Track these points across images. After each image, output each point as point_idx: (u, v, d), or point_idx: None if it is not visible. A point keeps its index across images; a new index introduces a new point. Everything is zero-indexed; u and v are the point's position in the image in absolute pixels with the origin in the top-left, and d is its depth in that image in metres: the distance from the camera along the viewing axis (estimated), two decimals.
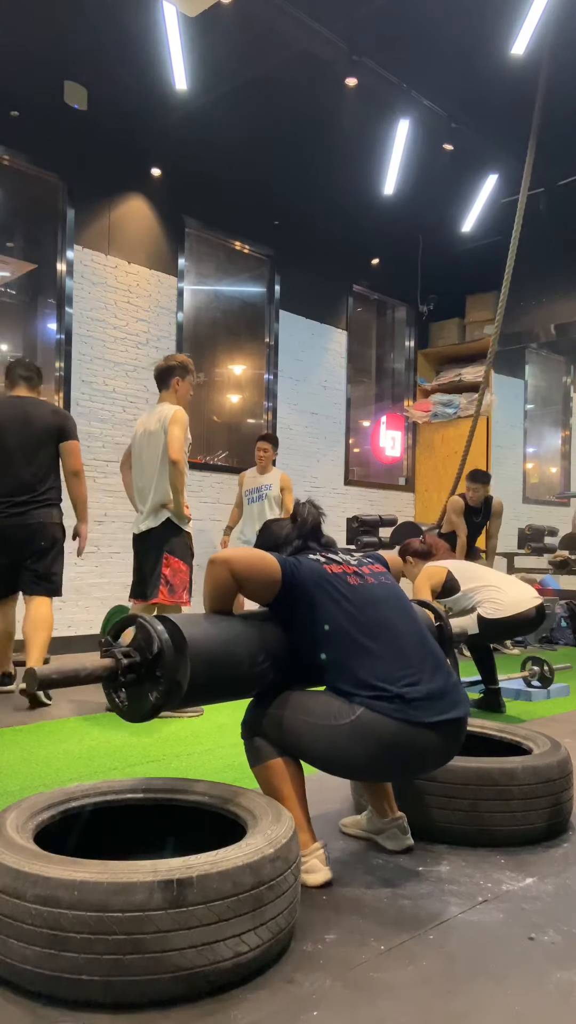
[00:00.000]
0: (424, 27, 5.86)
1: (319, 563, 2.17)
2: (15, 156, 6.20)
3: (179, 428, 4.18)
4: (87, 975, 1.49)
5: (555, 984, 1.67)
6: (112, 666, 1.91)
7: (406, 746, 1.98)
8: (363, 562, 2.27)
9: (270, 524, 2.41)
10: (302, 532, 2.31)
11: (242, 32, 5.75)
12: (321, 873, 2.08)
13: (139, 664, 1.92)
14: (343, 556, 2.25)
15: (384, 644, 2.06)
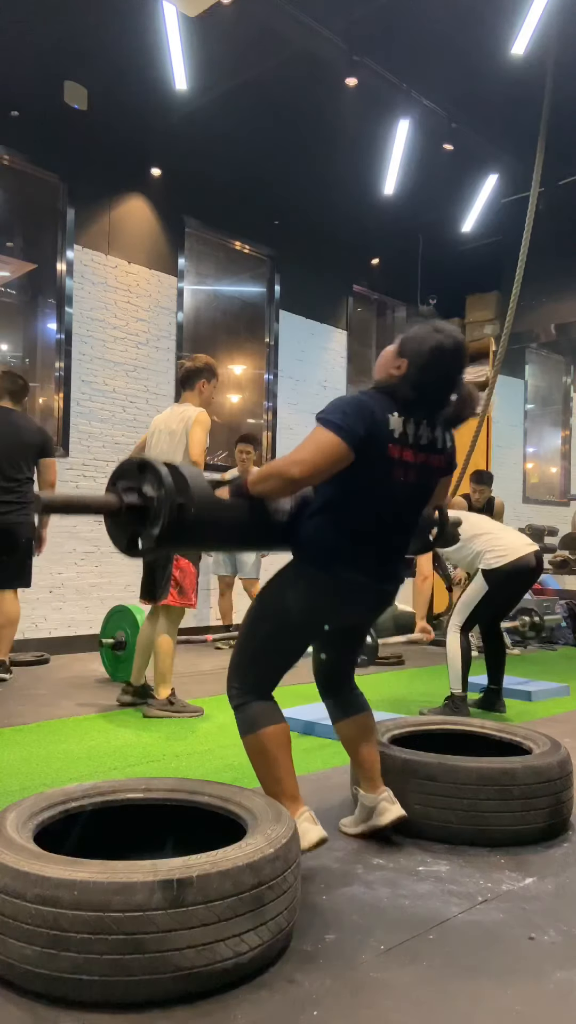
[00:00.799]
0: (424, 27, 5.86)
1: (385, 437, 2.11)
2: (15, 156, 6.20)
3: (202, 430, 4.17)
4: (87, 975, 1.49)
5: (555, 984, 1.67)
6: (115, 503, 1.95)
7: (341, 593, 2.18)
8: (431, 447, 2.21)
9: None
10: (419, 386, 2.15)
11: (242, 32, 5.75)
12: (314, 831, 2.11)
13: (141, 504, 1.95)
14: (419, 432, 2.18)
15: (369, 537, 2.17)
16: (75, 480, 6.35)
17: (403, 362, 2.15)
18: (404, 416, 2.14)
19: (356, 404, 2.11)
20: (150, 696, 4.26)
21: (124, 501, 1.95)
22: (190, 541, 2.00)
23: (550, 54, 5.86)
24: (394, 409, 2.13)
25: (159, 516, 1.92)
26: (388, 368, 2.19)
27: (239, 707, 2.21)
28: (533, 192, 6.18)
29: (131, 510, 1.95)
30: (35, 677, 5.20)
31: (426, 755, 2.49)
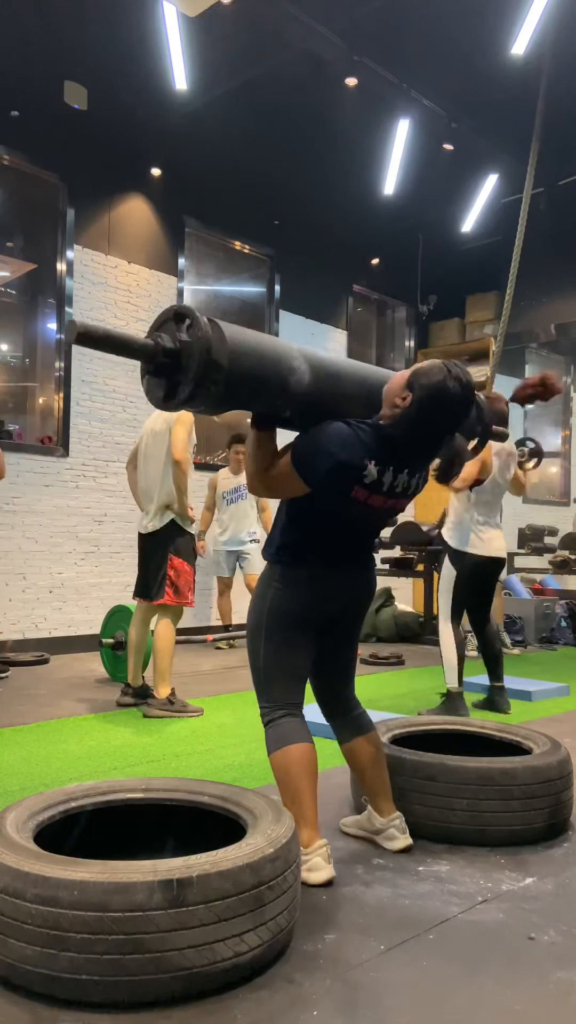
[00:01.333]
0: (424, 27, 5.86)
1: (353, 480, 2.08)
2: (15, 156, 6.19)
3: (183, 429, 4.18)
4: (87, 975, 1.49)
5: (555, 984, 1.67)
6: (152, 346, 1.94)
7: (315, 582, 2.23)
8: (402, 493, 2.20)
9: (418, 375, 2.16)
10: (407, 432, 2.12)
11: (242, 32, 5.75)
12: (324, 871, 2.08)
13: (176, 351, 1.94)
14: (395, 481, 2.15)
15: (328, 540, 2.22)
16: (75, 480, 6.35)
17: (408, 395, 2.10)
18: (383, 465, 2.11)
19: (333, 444, 2.08)
20: (150, 696, 4.26)
21: (161, 344, 1.94)
22: (223, 392, 1.96)
23: (545, 56, 5.87)
24: (375, 456, 2.10)
25: (192, 362, 1.91)
26: (394, 397, 2.13)
27: (267, 724, 2.23)
28: (526, 192, 6.18)
29: (167, 354, 1.95)
30: (35, 677, 5.20)
31: (426, 755, 2.49)
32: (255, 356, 2.01)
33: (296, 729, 2.19)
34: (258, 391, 2.04)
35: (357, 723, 2.40)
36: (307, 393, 2.10)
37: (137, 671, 4.39)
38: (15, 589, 5.99)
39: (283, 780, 2.15)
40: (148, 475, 4.37)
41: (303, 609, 2.24)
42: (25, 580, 6.04)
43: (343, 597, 2.31)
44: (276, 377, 2.04)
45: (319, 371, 2.13)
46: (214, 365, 1.92)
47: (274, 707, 2.23)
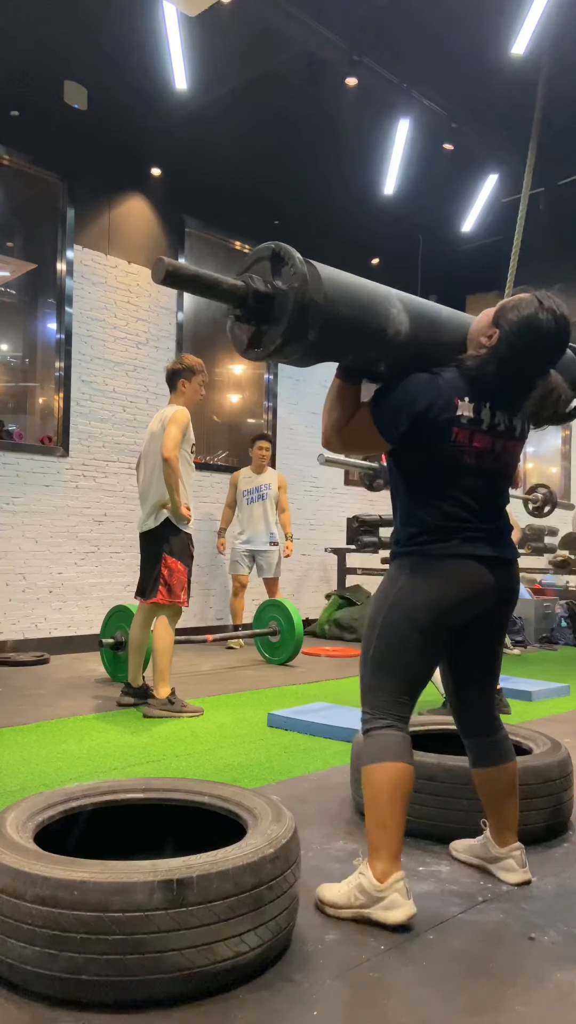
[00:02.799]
0: (424, 27, 5.86)
1: (447, 422, 1.94)
2: (15, 156, 6.20)
3: (176, 428, 4.19)
4: (87, 975, 1.49)
5: (555, 984, 1.67)
6: (243, 288, 1.80)
7: (459, 573, 1.98)
8: (508, 433, 2.04)
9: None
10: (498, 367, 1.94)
11: (242, 32, 5.75)
12: (403, 909, 1.86)
13: (269, 295, 1.81)
14: (495, 419, 1.99)
15: (457, 517, 2.01)
16: (75, 480, 6.35)
17: (495, 332, 1.95)
18: (477, 401, 1.97)
19: (409, 395, 1.96)
20: (150, 696, 4.26)
21: (252, 287, 1.80)
22: (315, 344, 1.81)
23: (543, 56, 5.86)
24: (465, 393, 1.96)
25: (285, 312, 1.77)
26: (480, 335, 1.99)
27: (367, 732, 2.00)
28: (524, 192, 6.17)
29: (258, 298, 1.80)
30: (35, 677, 5.20)
31: (426, 755, 2.49)
32: (352, 305, 1.84)
33: (398, 746, 1.95)
34: (353, 343, 1.90)
35: (499, 749, 2.19)
36: (404, 343, 1.94)
37: (137, 671, 4.39)
38: (15, 589, 5.99)
39: (372, 801, 1.93)
40: (144, 475, 4.40)
41: (434, 604, 1.98)
42: (25, 580, 6.04)
43: (488, 595, 2.04)
44: (373, 327, 1.88)
45: (418, 319, 1.97)
46: (309, 317, 1.77)
47: (375, 715, 1.99)
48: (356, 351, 1.95)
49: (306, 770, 3.21)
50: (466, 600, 2.01)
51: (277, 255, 1.84)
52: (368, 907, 1.88)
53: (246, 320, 1.86)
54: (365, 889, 1.89)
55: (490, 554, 2.02)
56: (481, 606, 2.05)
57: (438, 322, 2.04)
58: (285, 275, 1.80)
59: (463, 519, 2.00)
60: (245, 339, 1.89)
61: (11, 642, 5.92)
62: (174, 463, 4.15)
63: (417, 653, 2.01)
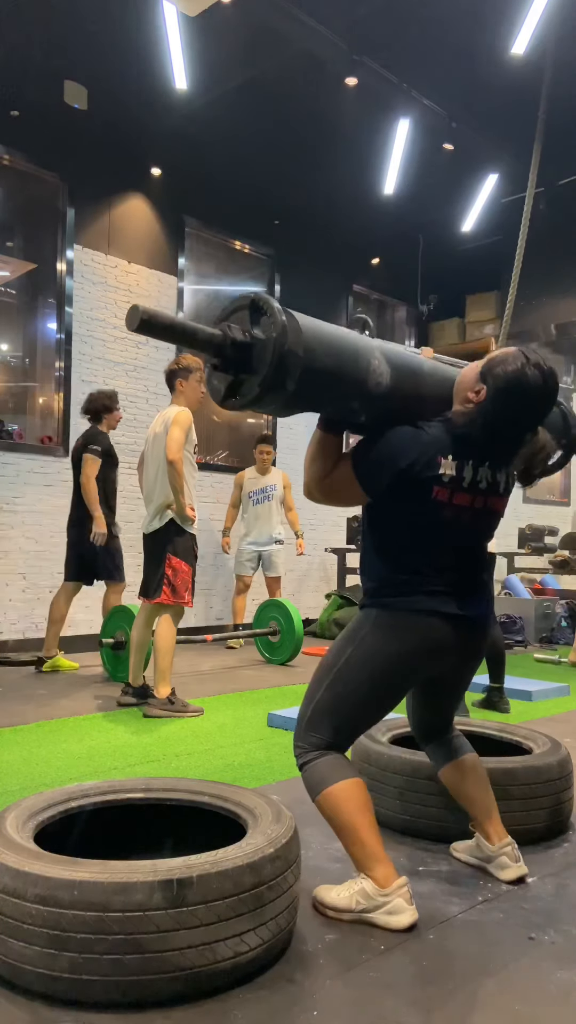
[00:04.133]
0: (424, 27, 5.86)
1: (428, 480, 1.93)
2: (15, 156, 6.19)
3: (178, 429, 4.19)
4: (87, 975, 1.49)
5: (555, 984, 1.67)
6: (220, 337, 1.79)
7: (422, 631, 1.97)
8: (491, 490, 2.02)
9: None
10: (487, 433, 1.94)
11: (242, 32, 5.74)
12: (406, 914, 1.87)
13: (247, 345, 1.79)
14: (477, 476, 1.97)
15: (430, 560, 2.00)
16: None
17: (482, 388, 1.94)
18: (460, 459, 1.95)
19: (392, 452, 1.94)
20: (150, 696, 4.26)
21: (230, 336, 1.78)
22: (295, 395, 1.79)
23: (547, 55, 5.86)
24: (449, 451, 1.94)
25: (264, 363, 1.75)
26: (467, 390, 1.97)
27: (303, 767, 1.99)
28: (529, 192, 6.17)
29: (236, 347, 1.78)
30: (35, 677, 5.20)
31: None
32: (333, 355, 1.83)
33: (334, 766, 1.95)
34: (333, 394, 1.89)
35: (452, 746, 2.24)
36: (386, 396, 1.93)
37: (138, 671, 4.39)
38: (15, 589, 5.99)
39: (337, 823, 1.93)
40: (148, 477, 4.40)
41: (392, 662, 1.97)
42: (25, 580, 6.04)
43: (451, 653, 2.02)
44: (354, 379, 1.87)
45: (399, 370, 1.96)
46: (288, 367, 1.75)
47: (307, 750, 2.00)
48: (336, 402, 1.93)
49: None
50: (429, 655, 2.01)
51: (256, 304, 1.82)
52: (371, 912, 1.88)
53: (224, 369, 1.85)
54: (368, 894, 1.89)
55: (455, 612, 2.00)
56: (445, 662, 2.05)
57: (420, 375, 2.02)
58: (264, 324, 1.78)
59: (429, 574, 1.98)
60: (223, 389, 1.87)
61: (11, 642, 5.91)
62: (179, 464, 4.15)
63: (364, 706, 2.01)
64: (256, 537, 6.82)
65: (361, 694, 1.99)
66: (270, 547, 6.80)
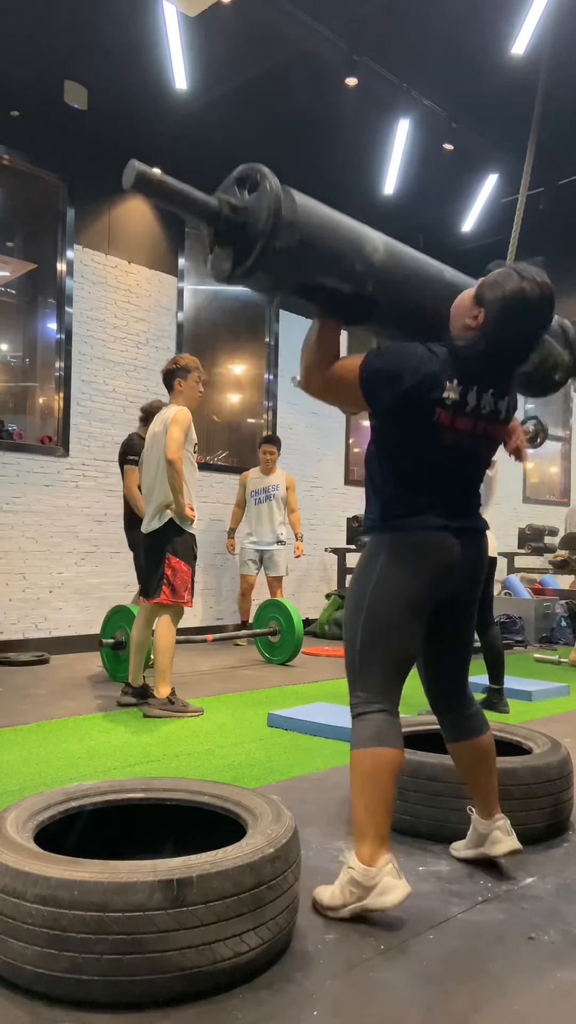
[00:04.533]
0: (424, 27, 5.86)
1: (432, 403, 1.94)
2: (15, 156, 6.19)
3: (178, 429, 4.20)
4: (87, 975, 1.49)
5: (555, 984, 1.67)
6: (216, 206, 1.78)
7: (434, 546, 2.01)
8: (492, 416, 2.03)
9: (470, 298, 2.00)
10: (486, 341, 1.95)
11: (242, 32, 5.74)
12: (397, 889, 1.85)
13: (243, 207, 1.79)
14: (481, 401, 1.99)
15: (434, 485, 2.04)
16: (75, 480, 6.35)
17: (480, 312, 1.94)
18: (465, 384, 1.96)
19: (400, 368, 1.94)
20: (150, 696, 4.26)
21: (226, 199, 1.79)
22: (294, 256, 1.77)
23: (543, 56, 5.86)
24: (454, 375, 1.95)
25: (261, 219, 1.76)
26: (464, 318, 1.98)
27: (358, 716, 1.99)
28: (522, 193, 6.18)
29: (233, 209, 1.78)
30: (35, 677, 5.20)
31: (426, 755, 2.49)
32: (325, 214, 1.85)
33: (390, 730, 1.96)
34: (332, 250, 1.86)
35: (472, 723, 2.22)
36: (383, 265, 1.93)
37: (138, 671, 4.39)
38: (15, 589, 5.99)
39: (362, 784, 1.92)
40: (148, 476, 4.40)
41: (416, 581, 1.99)
42: (25, 580, 6.04)
43: (461, 568, 2.06)
44: (350, 236, 1.88)
45: (389, 244, 1.99)
46: (285, 223, 1.75)
47: (368, 699, 1.99)
48: (337, 261, 1.89)
49: (306, 770, 3.21)
50: (446, 571, 2.04)
51: (248, 174, 1.85)
52: (364, 898, 1.88)
53: (223, 243, 1.85)
54: (357, 881, 1.89)
55: (460, 524, 2.06)
56: (457, 578, 2.08)
57: (410, 253, 2.07)
58: (260, 189, 1.80)
59: (436, 496, 2.03)
60: (227, 264, 1.85)
61: (11, 642, 5.92)
62: (178, 464, 4.16)
63: (404, 631, 2.03)
64: (258, 537, 6.85)
65: (397, 621, 2.01)
66: (272, 547, 6.83)
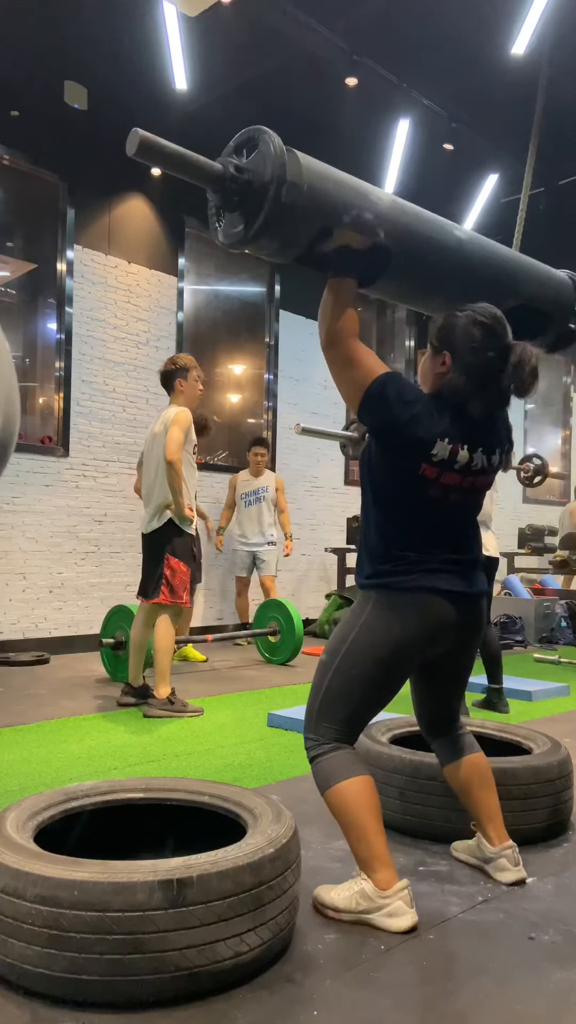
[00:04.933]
0: (424, 27, 5.86)
1: (420, 456, 1.94)
2: (15, 156, 6.19)
3: (178, 429, 4.20)
4: (87, 975, 1.49)
5: (555, 984, 1.67)
6: (220, 170, 1.78)
7: (422, 609, 1.98)
8: (482, 471, 2.03)
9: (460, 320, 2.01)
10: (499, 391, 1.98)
11: (242, 32, 5.75)
12: (406, 917, 1.86)
13: (248, 168, 1.79)
14: (473, 460, 1.99)
15: (424, 539, 2.02)
16: (75, 480, 6.35)
17: (445, 355, 1.99)
18: (455, 443, 1.96)
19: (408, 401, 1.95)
20: (150, 696, 4.26)
21: (231, 161, 1.80)
22: (302, 212, 1.79)
23: (543, 56, 5.86)
24: (446, 435, 1.95)
25: (266, 177, 1.76)
26: (432, 373, 2.03)
27: (314, 760, 1.99)
28: (524, 192, 6.18)
29: (239, 170, 1.78)
30: (35, 677, 5.20)
31: (426, 755, 2.49)
32: (332, 174, 1.88)
33: (346, 762, 1.95)
34: (340, 198, 1.88)
35: (460, 743, 2.23)
36: (390, 211, 1.98)
37: (138, 671, 4.39)
38: (15, 589, 5.99)
39: (343, 820, 1.93)
40: (147, 477, 4.40)
41: (396, 642, 1.97)
42: (25, 580, 6.04)
43: (453, 632, 2.03)
44: (355, 185, 1.92)
45: (399, 202, 2.05)
46: (290, 178, 1.76)
47: (320, 742, 2.00)
48: (346, 207, 1.90)
49: (306, 770, 3.19)
50: (430, 635, 2.01)
51: (244, 140, 1.86)
52: (371, 913, 1.88)
53: (230, 207, 1.85)
54: (368, 895, 1.88)
55: (456, 588, 2.01)
56: (447, 641, 2.05)
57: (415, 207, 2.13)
58: (261, 147, 1.81)
59: (424, 553, 2.00)
60: (239, 228, 1.86)
61: (11, 642, 5.92)
62: (177, 465, 4.15)
63: (374, 687, 2.00)
64: (249, 538, 6.88)
65: (368, 677, 1.98)
66: (262, 547, 6.87)
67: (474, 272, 2.20)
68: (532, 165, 6.13)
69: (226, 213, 1.88)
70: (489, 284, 2.23)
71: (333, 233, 1.92)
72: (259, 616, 6.19)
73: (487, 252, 2.26)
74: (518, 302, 2.31)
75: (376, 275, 2.06)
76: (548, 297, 2.45)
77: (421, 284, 2.17)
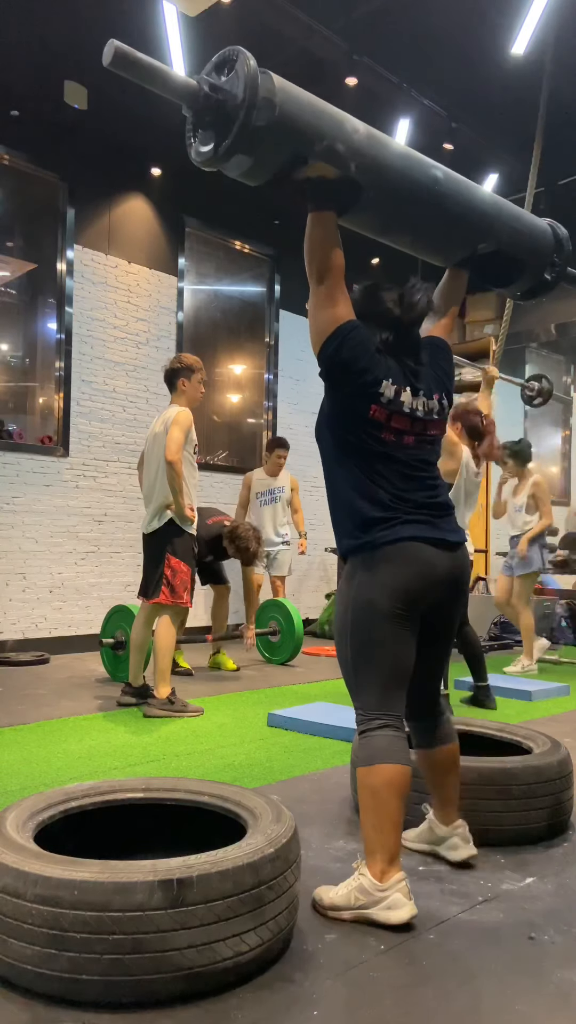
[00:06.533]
0: (424, 27, 5.87)
1: (370, 396, 2.02)
2: (15, 156, 6.19)
3: (178, 429, 4.20)
4: (87, 975, 1.49)
5: (555, 984, 1.67)
6: (195, 86, 1.80)
7: (408, 555, 2.00)
8: (427, 416, 2.09)
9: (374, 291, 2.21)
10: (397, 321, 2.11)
11: (242, 32, 5.74)
12: (404, 909, 1.86)
13: (221, 87, 1.80)
14: (413, 398, 2.07)
15: (392, 491, 2.05)
16: (75, 480, 6.35)
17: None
18: (399, 384, 2.05)
19: (364, 343, 2.06)
20: (150, 696, 4.26)
21: (205, 79, 1.80)
22: (274, 132, 1.79)
23: (547, 55, 5.87)
24: (388, 374, 2.04)
25: (239, 94, 1.76)
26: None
27: (361, 734, 1.99)
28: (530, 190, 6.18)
29: (213, 88, 1.79)
30: (35, 677, 5.20)
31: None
32: (307, 100, 1.88)
33: (392, 746, 1.95)
34: (311, 137, 1.87)
35: (443, 730, 2.24)
36: (364, 144, 1.97)
37: (138, 671, 4.39)
38: (15, 589, 6.00)
39: (368, 803, 1.93)
40: (148, 477, 4.40)
41: (394, 589, 1.98)
42: (25, 580, 6.04)
43: (436, 574, 2.03)
44: (330, 112, 1.91)
45: (375, 134, 2.04)
46: (262, 99, 1.77)
47: (369, 716, 1.99)
48: (318, 140, 1.89)
49: (306, 770, 3.21)
50: (422, 576, 2.01)
51: (223, 60, 1.85)
52: (369, 908, 1.88)
53: (203, 124, 1.86)
54: (366, 889, 1.89)
55: (436, 535, 2.05)
56: (437, 591, 2.05)
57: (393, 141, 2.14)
58: (237, 67, 1.81)
59: (397, 505, 2.03)
60: (208, 147, 1.86)
61: (11, 642, 5.92)
62: (178, 465, 4.15)
63: (392, 642, 2.00)
64: (264, 537, 6.82)
65: (380, 636, 1.99)
66: (276, 547, 6.82)
67: (447, 210, 2.21)
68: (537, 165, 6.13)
69: (199, 131, 1.90)
70: (461, 224, 2.26)
71: (308, 162, 1.93)
72: (259, 616, 6.19)
73: (463, 192, 2.26)
74: (492, 247, 2.34)
75: (348, 206, 2.08)
76: (523, 244, 2.44)
77: (393, 219, 2.19)
